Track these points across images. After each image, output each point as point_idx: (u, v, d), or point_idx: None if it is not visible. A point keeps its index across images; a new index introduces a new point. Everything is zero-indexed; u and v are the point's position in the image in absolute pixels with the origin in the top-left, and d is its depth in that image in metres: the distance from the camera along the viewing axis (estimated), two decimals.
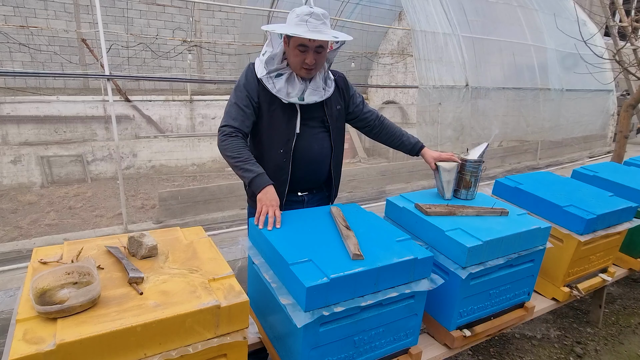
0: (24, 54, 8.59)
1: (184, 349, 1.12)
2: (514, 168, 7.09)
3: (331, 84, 1.88)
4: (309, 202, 1.96)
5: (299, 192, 1.93)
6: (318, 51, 1.69)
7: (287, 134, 1.79)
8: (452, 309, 1.69)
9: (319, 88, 1.80)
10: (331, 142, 1.90)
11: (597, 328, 2.68)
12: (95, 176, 7.19)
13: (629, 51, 4.87)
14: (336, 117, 1.91)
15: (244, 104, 1.75)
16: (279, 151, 1.79)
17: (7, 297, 2.62)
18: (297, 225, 1.62)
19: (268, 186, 1.66)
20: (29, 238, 4.28)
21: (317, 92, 1.79)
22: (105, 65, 3.71)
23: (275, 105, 1.77)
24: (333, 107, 1.89)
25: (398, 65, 9.92)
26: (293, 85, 1.75)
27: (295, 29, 1.62)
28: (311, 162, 1.86)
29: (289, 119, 1.78)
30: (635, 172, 2.81)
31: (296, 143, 1.80)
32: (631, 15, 4.88)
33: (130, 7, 9.38)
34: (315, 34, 1.62)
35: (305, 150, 1.82)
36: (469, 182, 1.98)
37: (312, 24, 1.63)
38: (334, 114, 1.89)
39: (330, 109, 1.87)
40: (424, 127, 5.74)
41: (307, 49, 1.66)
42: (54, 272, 1.19)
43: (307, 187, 1.94)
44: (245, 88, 1.76)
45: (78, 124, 7.15)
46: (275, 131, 1.79)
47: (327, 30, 1.67)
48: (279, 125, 1.78)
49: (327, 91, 1.84)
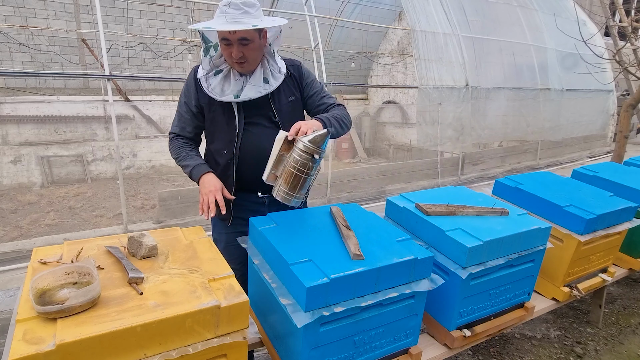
0: (24, 54, 8.59)
1: (184, 349, 1.11)
2: (514, 168, 7.10)
3: (279, 76, 1.73)
4: (270, 204, 1.82)
5: (258, 192, 1.82)
6: (243, 43, 1.56)
7: (228, 135, 1.72)
8: (452, 309, 1.69)
9: (259, 83, 1.68)
10: None
11: (597, 328, 2.68)
12: (95, 176, 7.19)
13: (629, 51, 4.87)
14: (288, 110, 1.78)
15: (183, 109, 1.76)
16: (223, 152, 1.74)
17: (7, 297, 2.62)
18: (297, 225, 1.62)
19: (205, 174, 1.66)
20: (29, 238, 4.28)
21: (255, 87, 1.67)
22: (105, 65, 3.71)
23: (215, 106, 1.71)
24: (283, 100, 1.76)
25: (398, 65, 9.92)
26: (229, 83, 1.67)
27: (212, 22, 1.53)
28: (257, 162, 1.67)
29: (228, 119, 1.71)
30: (635, 172, 2.81)
31: (241, 143, 1.72)
32: (631, 15, 4.88)
33: (130, 7, 9.37)
34: (231, 25, 1.50)
35: (249, 150, 1.73)
36: (290, 174, 1.47)
37: (231, 15, 1.51)
38: (284, 107, 1.77)
39: (278, 103, 1.75)
40: (424, 127, 5.74)
41: (230, 42, 1.56)
42: (53, 272, 1.19)
43: (264, 189, 1.79)
44: (183, 94, 1.75)
45: (78, 124, 7.15)
46: (218, 132, 1.75)
47: (248, 20, 1.53)
48: (221, 127, 1.73)
49: (270, 85, 1.70)
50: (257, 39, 1.60)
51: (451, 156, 6.70)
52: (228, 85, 1.67)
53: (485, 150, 7.54)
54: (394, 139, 9.72)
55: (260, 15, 1.58)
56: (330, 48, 9.67)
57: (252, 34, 1.56)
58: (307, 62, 7.19)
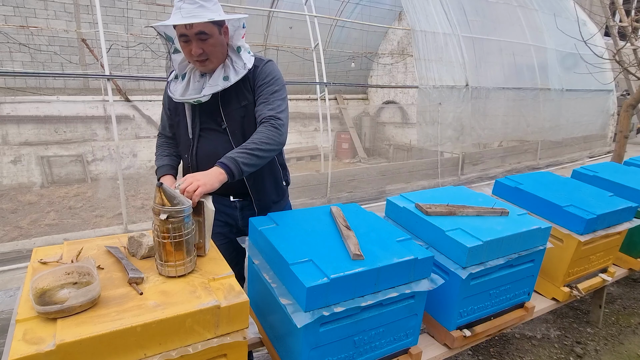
0: (24, 54, 8.58)
1: (184, 349, 1.11)
2: (514, 168, 7.10)
3: (242, 72, 1.61)
4: (243, 209, 1.79)
5: (230, 196, 1.78)
6: (202, 38, 1.49)
7: (186, 140, 1.73)
8: (452, 309, 1.69)
9: (217, 82, 1.58)
10: (232, 145, 1.65)
11: (597, 328, 2.68)
12: (95, 176, 7.19)
13: (629, 51, 4.87)
14: (239, 116, 1.65)
15: (164, 110, 1.80)
16: (185, 156, 1.77)
17: (7, 297, 2.62)
18: (297, 225, 1.62)
19: (162, 177, 1.70)
20: (29, 238, 4.28)
21: (214, 87, 1.59)
22: (105, 65, 3.71)
23: (178, 110, 1.72)
24: (233, 104, 1.64)
25: (398, 65, 9.92)
26: (192, 84, 1.61)
27: (170, 19, 1.46)
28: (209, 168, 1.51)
29: (185, 125, 1.71)
30: (635, 172, 2.81)
31: (196, 148, 1.70)
32: (631, 15, 4.88)
33: (130, 7, 9.37)
34: (186, 19, 1.43)
35: (203, 156, 1.69)
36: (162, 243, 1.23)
37: (186, 10, 1.44)
38: (233, 112, 1.64)
39: (228, 107, 1.64)
40: (424, 127, 5.74)
41: (189, 38, 1.49)
42: (53, 272, 1.19)
43: (235, 193, 1.75)
44: (164, 96, 1.78)
45: (78, 124, 7.14)
46: (179, 136, 1.77)
47: (205, 13, 1.46)
48: (181, 131, 1.74)
49: (228, 82, 1.59)
50: (216, 34, 1.52)
51: (451, 156, 6.70)
52: (188, 88, 1.62)
53: (485, 150, 7.54)
54: (394, 139, 9.72)
55: (218, 9, 1.52)
56: (330, 48, 9.66)
57: (210, 28, 1.49)
58: (307, 62, 7.20)
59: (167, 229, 1.21)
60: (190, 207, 1.26)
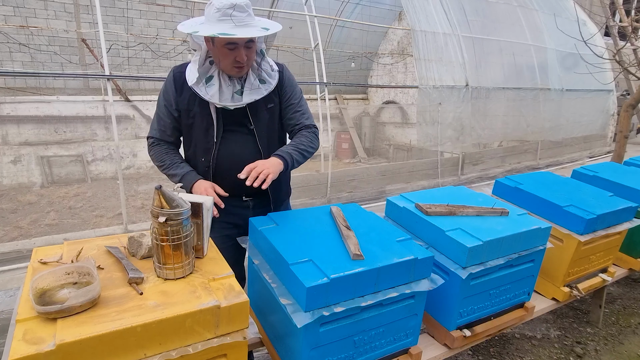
0: (24, 54, 8.58)
1: (184, 349, 1.11)
2: (514, 168, 7.10)
3: (273, 74, 1.70)
4: (255, 207, 1.82)
5: (242, 196, 1.79)
6: (248, 46, 1.54)
7: (206, 143, 1.69)
8: (452, 309, 1.69)
9: (256, 85, 1.65)
10: (259, 146, 1.73)
11: (597, 328, 2.68)
12: (95, 176, 7.19)
13: (629, 51, 4.87)
14: (266, 118, 1.73)
15: (163, 112, 1.69)
16: (201, 159, 1.72)
17: (7, 297, 2.62)
18: (297, 225, 1.62)
19: (196, 182, 1.64)
20: (29, 238, 4.28)
21: (256, 90, 1.64)
22: (105, 65, 3.71)
23: (193, 112, 1.66)
24: (260, 107, 1.70)
25: (398, 65, 9.92)
26: (225, 88, 1.62)
27: (221, 27, 1.46)
28: (233, 170, 1.60)
29: (207, 127, 1.67)
30: (635, 172, 2.81)
31: (218, 151, 1.69)
32: (631, 15, 4.88)
33: (130, 7, 9.37)
34: (245, 30, 1.46)
35: (226, 158, 1.70)
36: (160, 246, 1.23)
37: (238, 18, 1.47)
38: (261, 114, 1.71)
39: (255, 109, 1.70)
40: (424, 127, 5.74)
41: (237, 45, 1.51)
42: (53, 272, 1.19)
43: (247, 192, 1.76)
44: (162, 96, 1.69)
45: (78, 124, 7.14)
46: (196, 139, 1.71)
47: (254, 22, 1.52)
48: (198, 134, 1.69)
49: (269, 84, 1.68)
50: (257, 41, 1.59)
51: (451, 156, 6.69)
52: (223, 92, 1.61)
53: (485, 150, 7.53)
54: (394, 139, 9.72)
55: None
56: (330, 48, 9.66)
57: (256, 37, 1.54)
58: (307, 62, 7.20)
59: (166, 231, 1.21)
60: (189, 209, 1.26)
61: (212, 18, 1.48)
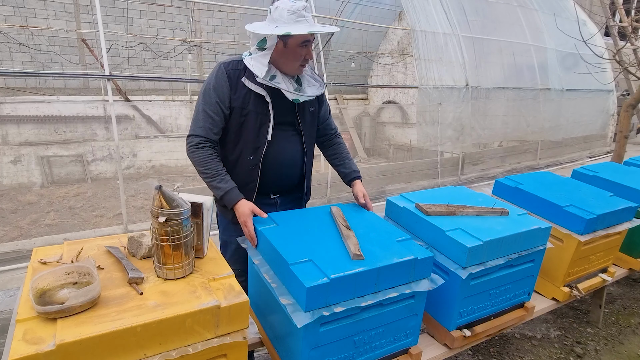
0: (24, 54, 8.58)
1: (184, 349, 1.11)
2: (514, 168, 7.09)
3: (316, 76, 1.81)
4: (281, 205, 1.88)
5: (270, 194, 1.85)
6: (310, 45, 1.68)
7: (257, 141, 1.70)
8: (452, 309, 1.69)
9: (312, 82, 1.76)
10: (303, 145, 1.82)
11: (597, 328, 2.68)
12: (95, 176, 7.19)
13: (629, 51, 4.87)
14: (309, 119, 1.82)
15: (213, 110, 1.65)
16: (249, 158, 1.71)
17: (7, 297, 2.62)
18: (297, 225, 1.62)
19: (239, 202, 1.62)
20: (29, 238, 4.28)
21: (314, 86, 1.76)
22: (105, 65, 3.71)
23: (247, 109, 1.67)
24: (306, 108, 1.80)
25: (398, 65, 9.92)
26: (288, 85, 1.68)
27: (304, 27, 1.57)
28: (282, 167, 1.77)
29: (260, 124, 1.69)
30: (635, 172, 2.81)
31: (267, 149, 1.72)
32: (631, 15, 4.88)
33: (130, 7, 9.37)
34: (319, 27, 1.63)
35: (275, 156, 1.74)
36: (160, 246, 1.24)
37: (309, 19, 1.61)
38: (306, 116, 1.80)
39: (302, 111, 1.78)
40: (424, 127, 5.74)
41: (308, 43, 1.64)
42: (53, 272, 1.19)
43: (278, 190, 1.86)
44: (214, 93, 1.65)
45: (78, 124, 7.15)
46: (246, 137, 1.71)
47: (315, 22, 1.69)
48: (250, 132, 1.70)
49: (321, 85, 1.78)
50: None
51: (451, 156, 6.69)
52: (287, 87, 1.68)
53: (485, 150, 7.53)
54: (394, 139, 9.72)
55: None
56: (330, 48, 9.66)
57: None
58: None
59: (166, 231, 1.21)
60: (189, 209, 1.26)
61: (289, 20, 1.57)
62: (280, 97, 1.68)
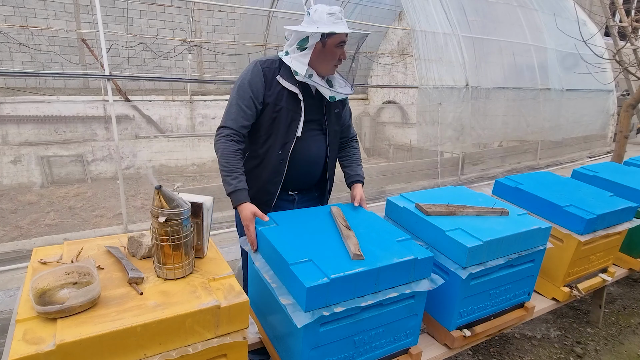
0: (24, 54, 8.59)
1: (184, 349, 1.11)
2: (514, 168, 7.09)
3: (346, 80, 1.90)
4: (299, 202, 1.94)
5: (289, 191, 1.90)
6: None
7: (286, 137, 1.76)
8: (452, 309, 1.69)
9: (342, 84, 1.85)
10: (327, 144, 1.88)
11: (597, 328, 2.68)
12: (95, 176, 7.19)
13: (629, 51, 4.87)
14: (334, 120, 1.90)
15: (246, 104, 1.70)
16: (277, 152, 1.77)
17: (7, 297, 2.62)
18: (297, 225, 1.62)
19: (243, 204, 1.61)
20: (29, 238, 4.27)
21: (345, 86, 1.84)
22: (105, 65, 3.71)
23: (279, 106, 1.73)
24: (332, 109, 1.88)
25: (398, 65, 9.92)
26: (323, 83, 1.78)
27: (343, 27, 1.69)
28: (307, 164, 1.85)
29: (291, 121, 1.75)
30: (635, 172, 2.81)
31: (295, 145, 1.78)
32: (631, 15, 4.88)
33: (130, 7, 9.37)
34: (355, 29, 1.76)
35: (302, 152, 1.81)
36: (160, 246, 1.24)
37: (345, 20, 1.72)
38: (332, 116, 1.88)
39: (329, 111, 1.86)
40: (424, 127, 5.74)
41: (344, 44, 1.74)
42: (53, 272, 1.19)
43: (298, 187, 1.92)
44: (249, 87, 1.70)
45: (78, 124, 7.14)
46: (276, 133, 1.76)
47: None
48: (280, 128, 1.75)
49: (349, 85, 1.86)
50: None
51: (451, 156, 6.69)
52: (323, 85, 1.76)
53: (485, 150, 7.53)
54: (394, 139, 9.72)
55: None
56: None
57: None
58: None
59: (166, 231, 1.21)
60: (189, 209, 1.26)
61: (328, 22, 1.67)
62: (310, 96, 1.79)
